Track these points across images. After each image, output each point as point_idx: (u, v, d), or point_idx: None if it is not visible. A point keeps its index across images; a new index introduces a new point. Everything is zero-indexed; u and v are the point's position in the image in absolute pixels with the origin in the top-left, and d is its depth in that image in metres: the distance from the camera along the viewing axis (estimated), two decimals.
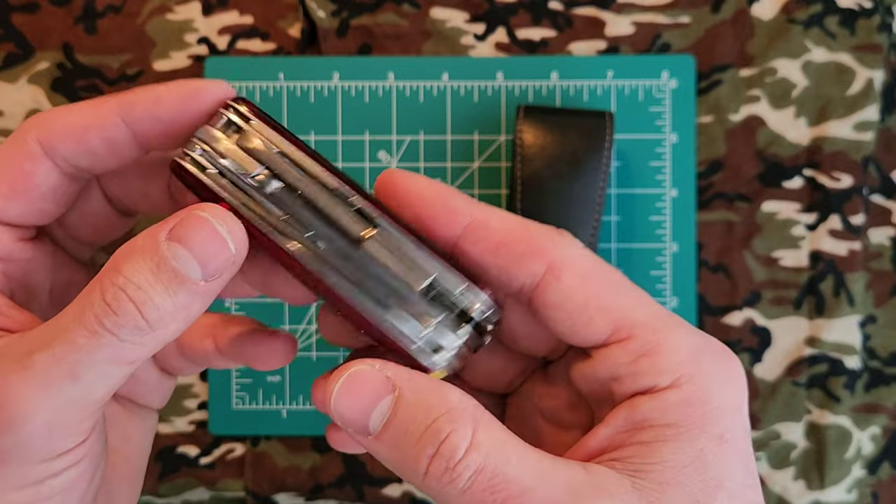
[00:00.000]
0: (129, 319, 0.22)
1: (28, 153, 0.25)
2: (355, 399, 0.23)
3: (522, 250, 0.24)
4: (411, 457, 0.22)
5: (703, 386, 0.23)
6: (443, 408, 0.23)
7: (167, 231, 0.23)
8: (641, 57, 0.51)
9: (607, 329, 0.24)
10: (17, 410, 0.22)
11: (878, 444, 0.52)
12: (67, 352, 0.22)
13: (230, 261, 0.23)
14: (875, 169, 0.52)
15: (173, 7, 0.52)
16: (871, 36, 0.51)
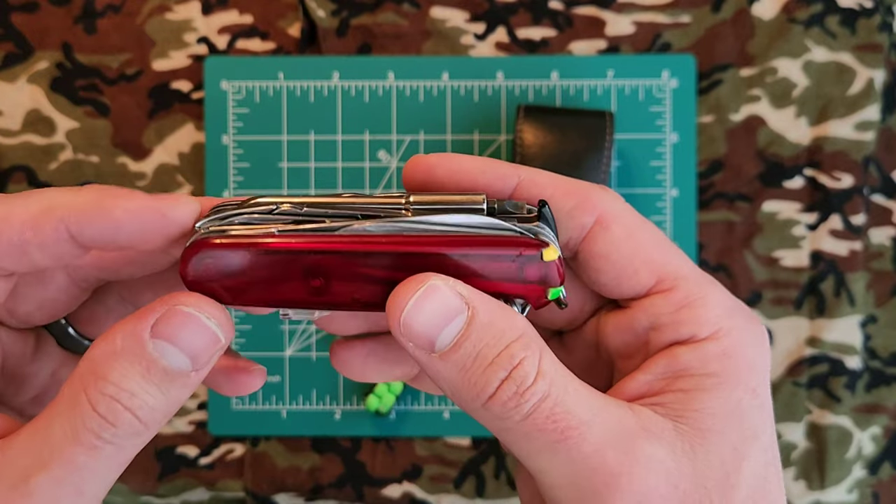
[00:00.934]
0: (127, 427, 0.22)
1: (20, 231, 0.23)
2: (427, 314, 0.22)
3: (573, 204, 0.25)
4: (480, 380, 0.22)
5: (739, 342, 0.24)
6: (514, 333, 0.22)
7: (149, 328, 0.22)
8: (642, 56, 0.51)
9: (651, 279, 0.25)
10: None
11: (879, 444, 0.52)
12: (69, 473, 0.21)
13: (220, 347, 0.23)
14: (876, 169, 0.52)
15: (173, 6, 0.52)
16: (872, 36, 0.51)
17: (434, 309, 0.22)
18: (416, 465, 0.52)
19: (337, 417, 0.51)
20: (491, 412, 0.22)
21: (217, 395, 0.51)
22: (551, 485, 0.23)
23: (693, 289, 0.24)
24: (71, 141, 0.52)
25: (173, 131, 0.52)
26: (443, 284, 0.22)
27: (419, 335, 0.22)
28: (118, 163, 0.52)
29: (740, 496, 0.23)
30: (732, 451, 0.23)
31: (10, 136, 0.52)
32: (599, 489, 0.22)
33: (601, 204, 0.25)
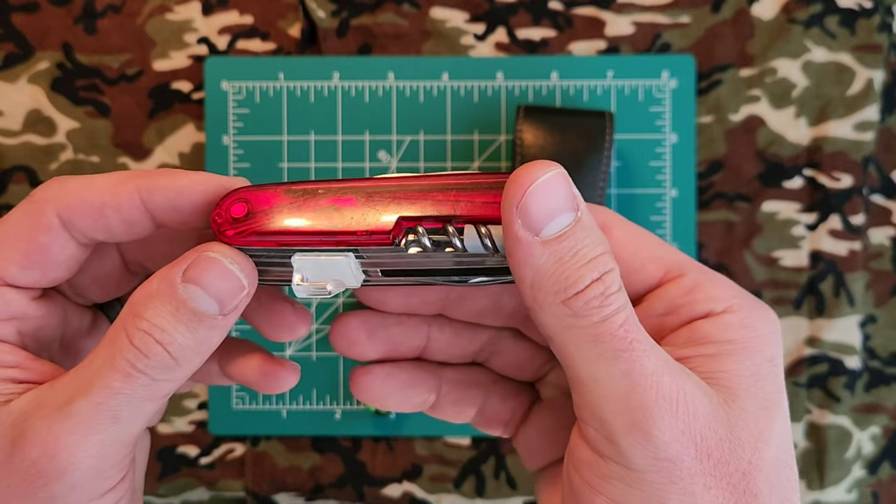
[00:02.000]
0: (159, 360, 0.24)
1: (45, 226, 0.25)
2: (547, 198, 0.23)
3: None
4: (573, 274, 0.23)
5: (752, 315, 0.26)
6: (606, 245, 0.24)
7: (181, 273, 0.24)
8: (641, 57, 0.51)
9: (659, 271, 0.27)
10: (67, 459, 0.23)
11: (879, 444, 0.52)
12: (106, 396, 0.24)
13: (244, 294, 0.25)
14: (875, 169, 0.52)
15: (173, 7, 0.52)
16: (871, 36, 0.51)
17: (554, 196, 0.23)
18: (416, 465, 0.52)
19: (337, 417, 0.52)
20: (571, 308, 0.23)
21: (217, 395, 0.51)
22: (601, 394, 0.24)
23: (700, 274, 0.26)
24: (71, 141, 0.52)
25: (174, 131, 0.52)
26: (564, 178, 0.24)
27: (534, 215, 0.23)
28: (119, 163, 0.52)
29: (770, 454, 0.25)
30: (763, 410, 0.25)
31: (11, 137, 0.52)
32: (650, 407, 0.23)
33: (602, 215, 0.27)
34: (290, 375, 0.30)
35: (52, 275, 0.26)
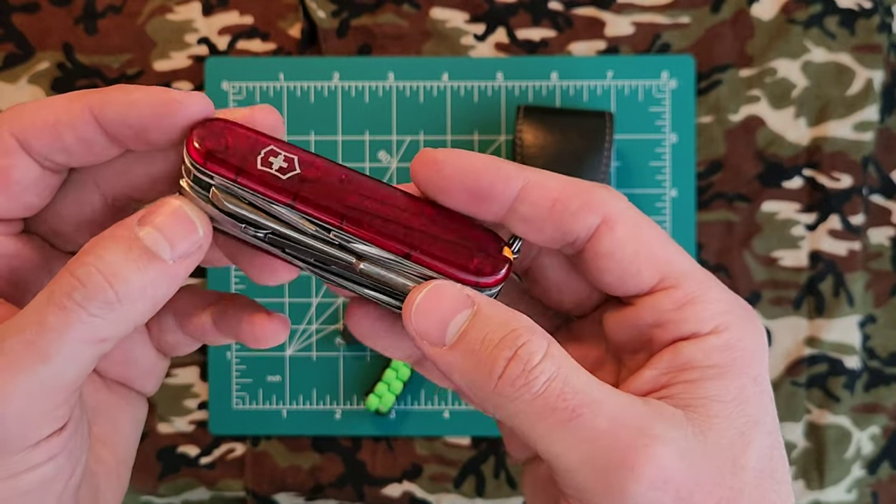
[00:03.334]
0: (97, 292, 0.22)
1: (4, 149, 0.25)
2: (436, 309, 0.24)
3: (578, 205, 0.25)
4: (488, 361, 0.23)
5: (739, 334, 0.25)
6: (518, 321, 0.24)
7: (139, 217, 0.24)
8: (641, 57, 0.52)
9: (654, 278, 0.26)
10: None
11: (878, 443, 0.52)
12: (37, 333, 0.22)
13: (198, 243, 0.24)
14: (875, 169, 0.52)
15: (173, 7, 0.52)
16: (871, 36, 0.51)
17: (439, 308, 0.24)
18: (416, 465, 0.52)
19: (337, 417, 0.52)
20: (503, 395, 0.23)
21: (217, 395, 0.51)
22: (567, 468, 0.24)
23: (694, 286, 0.25)
24: None
25: None
26: (450, 284, 0.25)
27: (431, 332, 0.24)
28: None
29: (748, 476, 0.24)
30: (739, 435, 0.24)
31: None
32: (616, 465, 0.23)
33: (606, 205, 0.25)
34: (279, 329, 0.28)
35: (20, 200, 0.25)
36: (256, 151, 0.25)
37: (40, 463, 0.23)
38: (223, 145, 0.25)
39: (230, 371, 0.52)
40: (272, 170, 0.25)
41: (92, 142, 0.25)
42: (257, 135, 0.25)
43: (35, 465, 0.23)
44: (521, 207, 0.25)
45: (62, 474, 0.24)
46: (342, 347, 0.51)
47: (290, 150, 0.25)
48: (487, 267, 0.25)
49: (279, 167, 0.25)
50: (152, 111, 0.24)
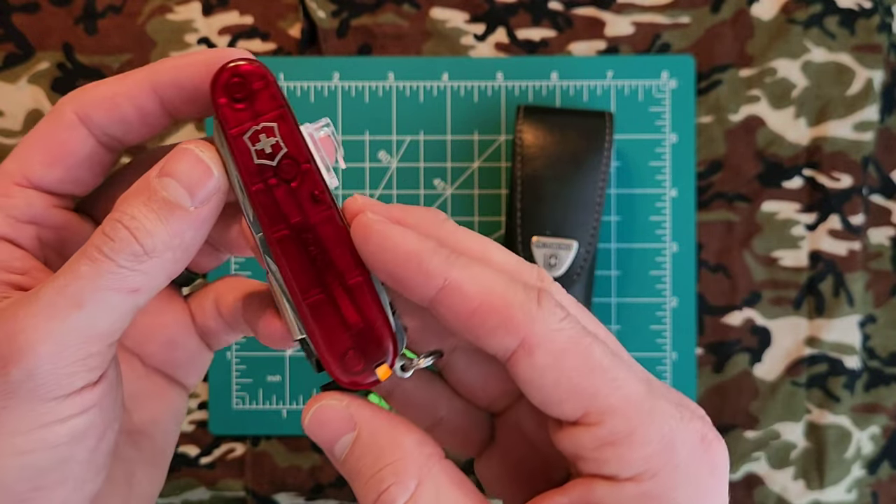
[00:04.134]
0: (125, 245, 0.23)
1: (65, 123, 0.26)
2: (322, 431, 0.25)
3: (496, 323, 0.23)
4: (362, 494, 0.24)
5: (667, 483, 0.23)
6: (391, 456, 0.23)
7: (157, 169, 0.24)
8: (641, 57, 0.52)
9: (577, 412, 0.23)
10: (24, 340, 0.23)
11: (878, 443, 0.52)
12: (71, 280, 0.23)
13: (215, 186, 0.24)
14: (875, 169, 0.52)
15: (173, 7, 0.52)
16: (871, 36, 0.52)
17: (327, 428, 0.24)
18: None
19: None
20: None
21: (217, 394, 0.51)
22: None
23: (620, 425, 0.23)
24: None
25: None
26: (335, 404, 0.24)
27: (323, 444, 0.25)
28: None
29: None
30: None
31: (12, 137, 0.52)
32: None
33: (528, 326, 0.23)
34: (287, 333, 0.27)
35: (73, 173, 0.26)
36: (256, 121, 0.24)
37: (71, 415, 0.24)
38: (239, 94, 0.24)
39: (230, 371, 0.52)
40: (252, 146, 0.24)
41: (148, 111, 0.26)
42: (274, 106, 0.24)
43: (66, 417, 0.24)
44: (439, 308, 0.24)
45: (93, 432, 0.24)
46: None
47: (288, 141, 0.24)
48: (357, 366, 0.24)
49: (260, 149, 0.24)
50: (204, 69, 0.25)
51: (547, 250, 0.47)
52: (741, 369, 0.52)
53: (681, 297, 0.51)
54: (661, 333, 0.51)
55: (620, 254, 0.51)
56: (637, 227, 0.51)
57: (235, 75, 0.24)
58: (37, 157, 0.26)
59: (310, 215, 0.24)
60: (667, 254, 0.51)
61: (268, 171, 0.24)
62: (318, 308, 0.24)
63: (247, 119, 0.24)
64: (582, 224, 0.47)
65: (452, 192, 0.51)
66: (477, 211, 0.51)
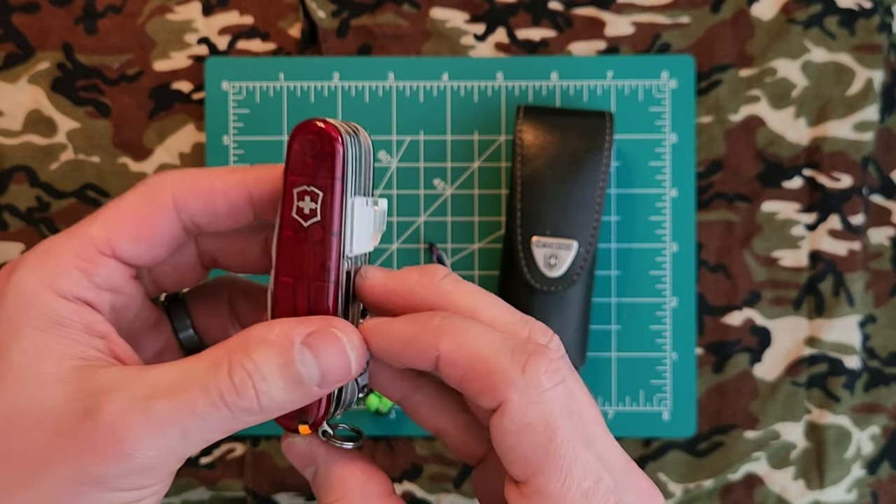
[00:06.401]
0: (247, 403, 0.25)
1: (161, 205, 0.28)
2: (293, 460, 0.29)
3: (480, 387, 0.25)
4: None
5: None
6: (338, 493, 0.28)
7: (304, 335, 0.26)
8: (641, 57, 0.52)
9: (520, 477, 0.25)
10: (130, 448, 0.25)
11: (878, 443, 0.52)
12: (186, 414, 0.25)
13: (347, 379, 0.26)
14: (875, 169, 0.52)
15: (173, 7, 0.52)
16: (871, 36, 0.52)
17: (296, 459, 0.29)
18: (416, 465, 0.52)
19: (337, 417, 0.52)
20: None
21: None
22: None
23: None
24: (72, 141, 0.52)
25: (174, 132, 0.52)
26: (300, 441, 0.28)
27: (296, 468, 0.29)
28: (119, 163, 0.52)
29: None
30: None
31: (12, 137, 0.52)
32: None
33: (504, 393, 0.25)
34: None
35: (153, 253, 0.28)
36: (310, 180, 0.27)
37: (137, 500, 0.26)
38: (310, 151, 0.27)
39: None
40: (297, 201, 0.27)
41: (238, 210, 0.28)
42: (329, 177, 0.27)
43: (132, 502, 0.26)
44: (440, 373, 0.27)
45: None
46: None
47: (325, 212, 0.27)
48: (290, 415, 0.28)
49: (301, 206, 0.27)
50: None
51: (547, 250, 0.47)
52: (741, 369, 0.52)
53: (681, 297, 0.51)
54: (661, 333, 0.51)
55: (620, 254, 0.51)
56: (637, 227, 0.51)
57: (313, 133, 0.27)
58: (127, 231, 0.28)
59: (312, 278, 0.27)
60: (667, 254, 0.51)
61: (300, 226, 0.27)
62: None
63: (304, 174, 0.27)
64: (582, 224, 0.47)
65: (452, 192, 0.51)
66: (477, 211, 0.51)
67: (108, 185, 0.52)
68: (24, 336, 0.26)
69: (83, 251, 0.28)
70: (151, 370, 0.26)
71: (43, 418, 0.25)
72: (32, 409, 0.25)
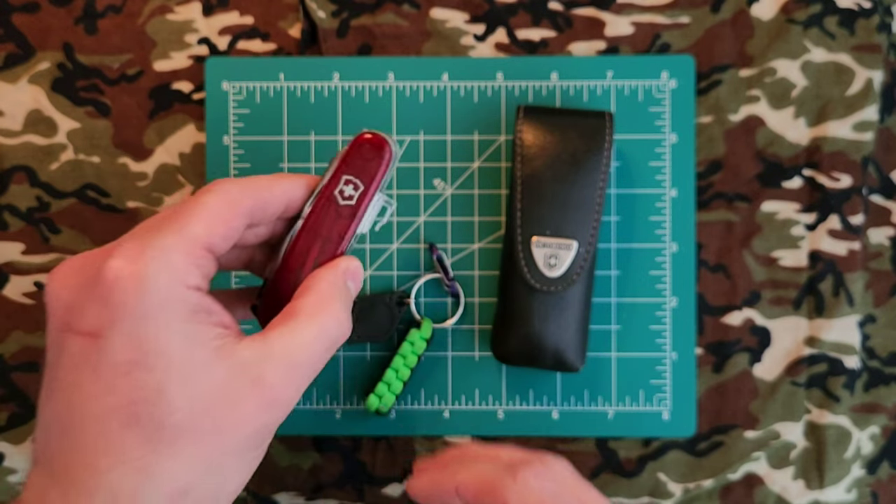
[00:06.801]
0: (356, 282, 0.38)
1: (241, 211, 0.35)
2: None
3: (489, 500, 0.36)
4: None
5: None
6: None
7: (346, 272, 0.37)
8: (641, 57, 0.52)
9: None
10: (289, 402, 0.33)
11: (878, 443, 0.52)
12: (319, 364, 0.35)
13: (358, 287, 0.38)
14: (874, 169, 0.52)
15: (174, 7, 0.52)
16: (871, 36, 0.52)
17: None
18: None
19: (337, 417, 0.52)
20: None
21: None
22: None
23: None
24: (72, 141, 0.52)
25: (174, 132, 0.52)
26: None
27: None
28: (119, 163, 0.52)
29: None
30: None
31: (12, 137, 0.52)
32: None
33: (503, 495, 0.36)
34: None
35: (229, 247, 0.35)
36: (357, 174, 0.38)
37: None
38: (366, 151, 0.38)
39: None
40: (341, 184, 0.38)
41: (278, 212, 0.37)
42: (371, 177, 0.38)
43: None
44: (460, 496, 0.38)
45: None
46: (343, 347, 0.51)
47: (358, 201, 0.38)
48: None
49: (341, 190, 0.38)
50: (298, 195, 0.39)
51: (547, 250, 0.47)
52: (741, 369, 0.52)
53: (680, 297, 0.51)
54: (660, 333, 0.51)
55: (620, 254, 0.51)
56: (637, 227, 0.51)
57: (371, 143, 0.38)
58: (218, 231, 0.34)
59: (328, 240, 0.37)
60: (666, 254, 0.51)
61: (334, 200, 0.38)
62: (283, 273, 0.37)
63: (354, 168, 0.38)
64: (582, 224, 0.47)
65: (452, 192, 0.51)
66: (477, 211, 0.51)
67: (108, 185, 0.52)
68: (174, 329, 0.32)
69: (194, 249, 0.33)
70: (276, 338, 0.34)
71: (223, 395, 0.32)
72: (206, 391, 0.32)
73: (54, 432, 0.32)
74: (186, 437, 0.31)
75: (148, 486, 0.31)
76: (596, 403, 0.51)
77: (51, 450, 0.32)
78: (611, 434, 0.51)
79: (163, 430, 0.31)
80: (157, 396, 0.31)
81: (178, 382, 0.31)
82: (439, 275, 0.51)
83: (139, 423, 0.31)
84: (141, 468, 0.31)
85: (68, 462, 0.31)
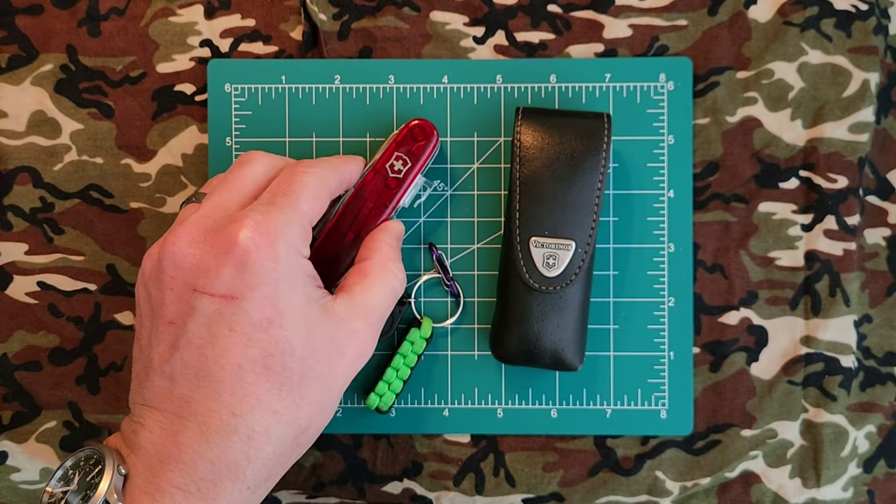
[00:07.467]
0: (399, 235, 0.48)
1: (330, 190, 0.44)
2: None
3: None
4: None
5: None
6: None
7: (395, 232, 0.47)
8: (639, 60, 0.52)
9: None
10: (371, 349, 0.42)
11: (874, 442, 0.52)
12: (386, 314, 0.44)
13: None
14: (871, 170, 0.52)
15: (176, 10, 0.52)
16: (867, 38, 0.52)
17: None
18: (417, 463, 0.52)
19: (338, 415, 0.52)
20: None
21: None
22: None
23: None
24: (75, 142, 0.52)
25: (177, 133, 0.52)
26: None
27: None
28: (122, 164, 0.52)
29: None
30: None
31: (15, 138, 0.52)
32: None
33: None
34: None
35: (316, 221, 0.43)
36: (408, 153, 0.47)
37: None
38: (416, 135, 0.48)
39: None
40: (393, 159, 0.47)
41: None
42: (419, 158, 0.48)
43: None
44: None
45: None
46: None
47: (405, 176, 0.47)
48: None
49: (391, 164, 0.47)
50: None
51: (545, 250, 0.48)
52: (738, 368, 0.52)
53: (678, 297, 0.52)
54: (658, 333, 0.52)
55: (618, 254, 0.52)
56: (635, 228, 0.52)
57: (419, 127, 0.48)
58: (317, 208, 0.42)
59: (376, 206, 0.47)
60: (664, 254, 0.52)
61: (384, 173, 0.47)
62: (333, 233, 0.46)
63: (407, 147, 0.47)
64: (580, 224, 0.48)
65: (452, 193, 0.52)
66: (476, 212, 0.52)
67: (111, 186, 0.52)
68: (298, 291, 0.39)
69: (303, 223, 0.41)
70: (359, 295, 0.42)
71: (331, 345, 0.40)
72: (321, 343, 0.39)
73: (184, 379, 0.37)
74: (308, 382, 0.39)
75: (279, 425, 0.38)
76: (594, 402, 0.51)
77: (179, 393, 0.38)
78: (609, 432, 0.51)
79: (292, 378, 0.38)
80: (288, 348, 0.38)
81: (302, 336, 0.38)
82: (439, 275, 0.51)
83: (272, 371, 0.38)
84: (274, 411, 0.38)
85: (204, 405, 0.37)
